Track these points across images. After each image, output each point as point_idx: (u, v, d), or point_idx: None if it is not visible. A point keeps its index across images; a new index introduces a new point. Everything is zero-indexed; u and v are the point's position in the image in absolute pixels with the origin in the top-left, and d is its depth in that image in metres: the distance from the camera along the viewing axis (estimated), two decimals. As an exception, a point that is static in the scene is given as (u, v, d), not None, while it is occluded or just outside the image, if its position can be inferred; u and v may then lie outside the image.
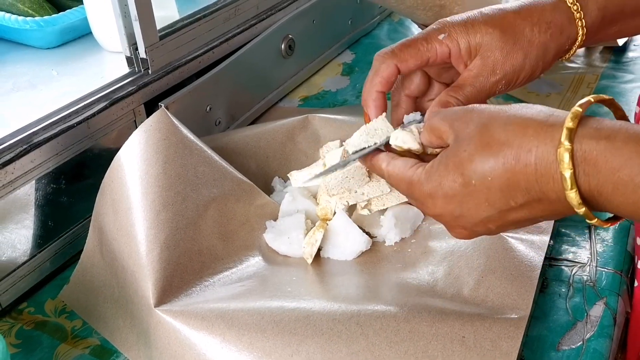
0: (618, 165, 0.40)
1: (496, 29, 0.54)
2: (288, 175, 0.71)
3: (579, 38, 0.56)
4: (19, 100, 0.73)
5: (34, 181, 0.65)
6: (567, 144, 0.41)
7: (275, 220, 0.68)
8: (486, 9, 0.56)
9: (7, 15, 0.84)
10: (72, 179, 0.69)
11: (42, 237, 0.68)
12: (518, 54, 0.54)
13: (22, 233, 0.66)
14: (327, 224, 0.65)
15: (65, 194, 0.69)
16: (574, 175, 0.41)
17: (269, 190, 0.74)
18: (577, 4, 0.55)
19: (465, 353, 0.50)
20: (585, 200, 0.42)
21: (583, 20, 0.55)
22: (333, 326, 0.53)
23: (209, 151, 0.67)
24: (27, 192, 0.65)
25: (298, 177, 0.69)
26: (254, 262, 0.64)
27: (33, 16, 0.84)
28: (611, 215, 0.45)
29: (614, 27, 0.57)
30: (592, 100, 0.43)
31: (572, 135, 0.41)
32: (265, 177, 0.75)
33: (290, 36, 0.97)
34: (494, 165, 0.44)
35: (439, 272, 0.60)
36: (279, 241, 0.65)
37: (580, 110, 0.42)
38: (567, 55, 0.58)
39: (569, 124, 0.41)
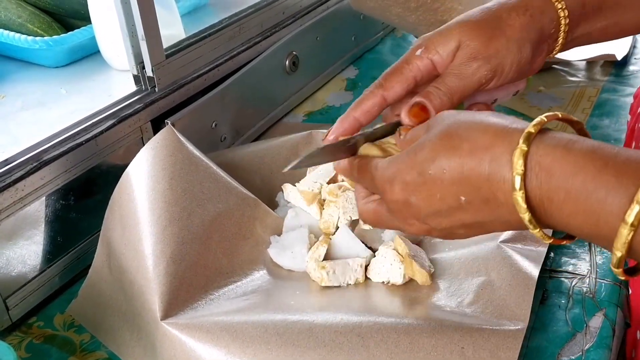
0: (572, 171, 0.39)
1: (473, 23, 0.53)
2: (282, 187, 0.72)
3: (562, 21, 0.54)
4: (29, 119, 0.75)
5: (43, 198, 0.67)
6: (523, 146, 0.40)
7: (279, 235, 0.69)
8: (463, 15, 0.55)
9: (17, 35, 0.85)
10: (81, 195, 0.71)
11: (52, 253, 0.70)
12: (499, 39, 0.53)
13: (31, 248, 0.67)
14: (330, 239, 0.67)
15: (74, 210, 0.71)
16: (524, 179, 0.41)
17: (273, 205, 0.75)
18: None
19: (465, 364, 0.51)
20: (533, 208, 0.42)
21: (562, 3, 0.54)
22: (335, 338, 0.54)
23: (215, 167, 0.69)
24: (37, 209, 0.67)
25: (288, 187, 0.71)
26: (259, 276, 0.65)
27: (42, 36, 0.86)
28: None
29: (599, 18, 0.56)
30: (560, 115, 0.43)
31: (530, 138, 0.41)
32: (269, 192, 0.77)
33: (294, 53, 0.99)
34: (450, 157, 0.44)
35: (439, 285, 0.61)
36: (282, 256, 0.67)
37: (545, 120, 0.42)
38: (556, 45, 0.56)
39: (530, 128, 0.41)
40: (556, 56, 0.98)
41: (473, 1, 0.95)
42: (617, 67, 1.07)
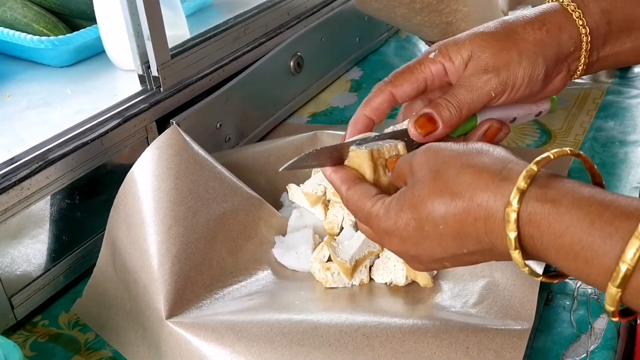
0: (560, 231, 0.39)
1: (486, 35, 0.53)
2: (287, 187, 0.72)
3: (584, 39, 0.53)
4: (34, 118, 0.75)
5: (49, 197, 0.67)
6: (515, 204, 0.40)
7: (283, 235, 0.70)
8: (480, 26, 0.55)
9: (23, 34, 0.86)
10: (86, 195, 0.71)
11: (56, 252, 0.70)
12: (511, 51, 0.52)
13: (36, 247, 0.68)
14: (335, 239, 0.67)
15: (79, 209, 0.71)
16: (519, 236, 0.41)
17: (278, 205, 0.75)
18: (574, 3, 0.53)
19: (470, 364, 0.51)
20: (531, 258, 0.42)
21: (583, 20, 0.53)
22: (340, 337, 0.54)
23: (220, 167, 0.69)
24: (42, 208, 0.67)
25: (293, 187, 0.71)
26: (263, 276, 0.65)
27: (48, 35, 0.86)
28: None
29: (628, 38, 0.54)
30: (552, 156, 0.42)
31: (521, 196, 0.40)
32: (274, 192, 0.77)
33: (298, 54, 0.99)
34: (445, 214, 0.44)
35: (443, 286, 0.61)
36: (287, 256, 0.67)
37: (536, 169, 0.41)
38: (579, 64, 0.55)
39: (520, 183, 0.40)
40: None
41: (478, 3, 0.96)
42: (622, 69, 1.07)
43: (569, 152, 0.43)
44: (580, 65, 0.55)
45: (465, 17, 0.95)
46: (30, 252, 0.67)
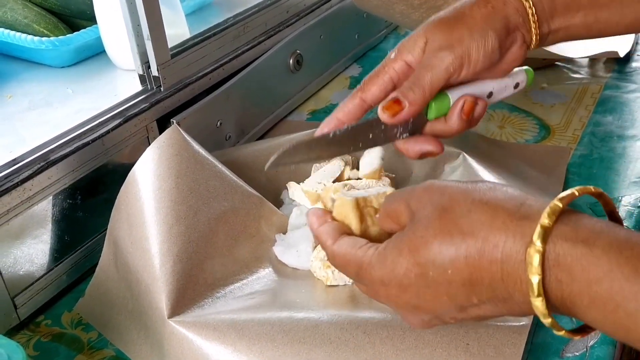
0: (596, 277, 0.34)
1: (437, 20, 0.56)
2: (287, 185, 0.73)
3: (529, 12, 0.56)
4: (36, 119, 0.75)
5: (50, 197, 0.67)
6: (539, 244, 0.36)
7: (284, 232, 0.70)
8: (431, 17, 0.58)
9: (24, 35, 0.86)
10: (88, 195, 0.72)
11: (59, 251, 0.70)
12: (462, 29, 0.54)
13: (39, 247, 0.68)
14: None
15: (80, 209, 0.71)
16: (543, 281, 0.36)
17: (278, 203, 0.76)
18: None
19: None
20: (555, 307, 0.38)
21: None
22: (341, 335, 0.54)
23: (220, 166, 0.69)
24: (44, 208, 0.67)
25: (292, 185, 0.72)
26: (264, 274, 0.66)
27: (48, 36, 0.87)
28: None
29: (577, 13, 0.57)
30: (577, 193, 0.38)
31: (546, 234, 0.36)
32: (274, 190, 0.77)
33: (298, 51, 1.00)
34: (454, 257, 0.39)
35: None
36: (287, 254, 0.67)
37: (560, 206, 0.37)
38: (532, 36, 0.57)
39: (544, 220, 0.36)
40: (559, 54, 0.98)
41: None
42: (619, 64, 1.07)
43: (592, 190, 0.39)
44: (533, 37, 0.57)
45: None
46: (33, 252, 0.67)
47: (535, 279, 0.36)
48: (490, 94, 0.59)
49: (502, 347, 0.53)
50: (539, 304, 0.37)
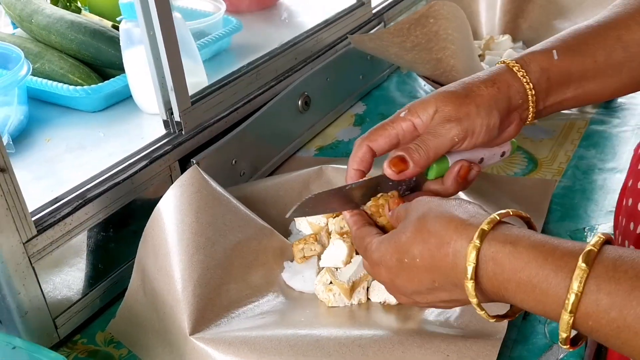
0: (520, 267, 0.46)
1: (448, 93, 0.61)
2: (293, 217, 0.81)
3: (529, 93, 0.61)
4: (73, 161, 0.84)
5: (86, 230, 0.76)
6: (477, 242, 0.48)
7: (292, 260, 0.78)
8: (442, 87, 0.63)
9: (60, 84, 0.96)
10: (118, 228, 0.80)
11: (93, 278, 0.78)
12: (470, 105, 0.60)
13: (76, 275, 0.76)
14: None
15: (112, 240, 0.80)
16: (479, 272, 0.48)
17: (287, 233, 0.84)
18: (518, 64, 0.62)
19: (449, 369, 0.60)
20: (492, 295, 0.49)
21: (527, 77, 0.61)
22: (339, 348, 0.63)
23: (235, 201, 0.78)
24: (81, 240, 0.76)
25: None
26: (273, 297, 0.74)
27: (82, 85, 0.96)
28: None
29: (568, 89, 0.63)
30: (511, 213, 0.51)
31: (483, 236, 0.48)
32: (284, 222, 0.85)
33: (306, 93, 1.07)
34: (422, 249, 0.52)
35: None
36: (294, 279, 0.76)
37: (498, 218, 0.49)
38: (529, 114, 0.63)
39: (484, 226, 0.48)
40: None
41: (462, 43, 1.04)
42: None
43: (523, 214, 0.53)
44: (530, 114, 0.63)
45: (453, 54, 1.02)
46: (71, 278, 0.75)
47: (470, 266, 0.48)
48: (481, 160, 0.65)
49: (478, 357, 0.60)
50: (469, 285, 0.49)
